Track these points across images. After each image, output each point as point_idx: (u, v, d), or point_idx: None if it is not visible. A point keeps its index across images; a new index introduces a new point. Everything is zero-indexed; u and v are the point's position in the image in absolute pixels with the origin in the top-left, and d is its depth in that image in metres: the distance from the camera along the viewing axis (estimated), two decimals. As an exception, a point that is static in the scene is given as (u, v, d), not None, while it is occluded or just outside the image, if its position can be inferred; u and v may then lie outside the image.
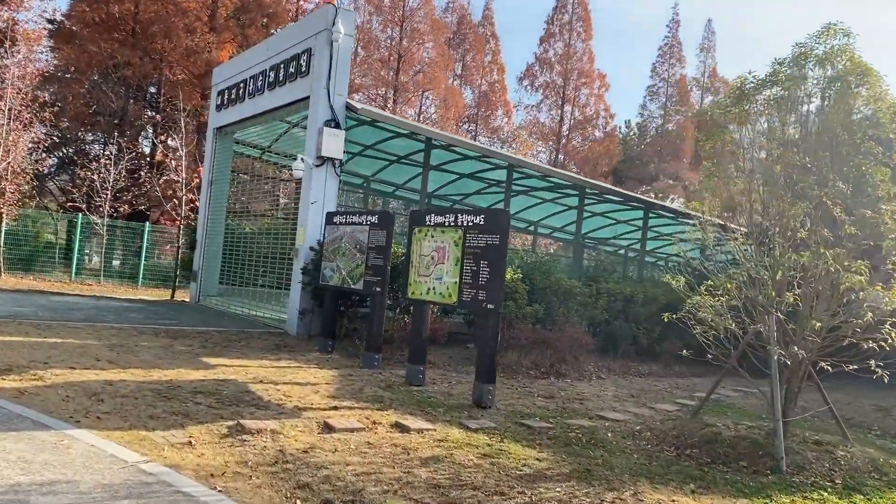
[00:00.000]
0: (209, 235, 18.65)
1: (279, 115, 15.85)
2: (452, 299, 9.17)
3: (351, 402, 8.17)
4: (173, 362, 9.46)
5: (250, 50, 18.50)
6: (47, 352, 9.23)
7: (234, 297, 17.53)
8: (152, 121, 33.21)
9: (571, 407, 9.39)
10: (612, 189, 18.46)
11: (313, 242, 13.34)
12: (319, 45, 13.67)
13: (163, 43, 33.59)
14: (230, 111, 17.85)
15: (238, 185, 19.81)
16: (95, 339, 10.76)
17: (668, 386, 12.20)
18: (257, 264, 16.84)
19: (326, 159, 13.47)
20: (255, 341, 12.39)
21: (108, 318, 13.20)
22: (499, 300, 8.58)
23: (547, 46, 50.01)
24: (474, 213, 9.09)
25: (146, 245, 25.83)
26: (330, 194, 13.61)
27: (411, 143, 17.15)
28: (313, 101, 13.70)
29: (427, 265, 9.67)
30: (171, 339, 11.58)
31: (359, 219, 11.39)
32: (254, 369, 9.65)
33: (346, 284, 11.48)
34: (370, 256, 10.98)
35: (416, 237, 9.95)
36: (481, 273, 8.78)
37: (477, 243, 8.91)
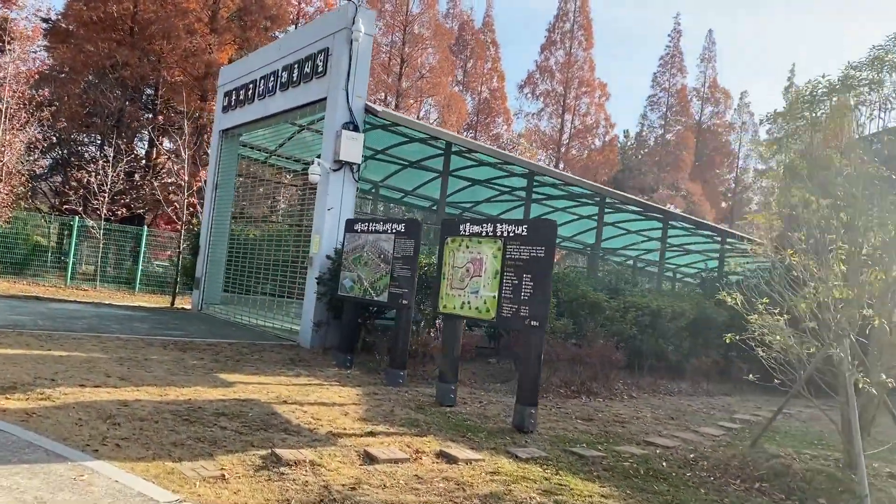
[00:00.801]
0: (213, 241, 17.98)
1: (291, 117, 15.23)
2: (490, 315, 8.57)
3: (386, 427, 7.55)
4: (188, 379, 8.81)
5: (260, 50, 17.89)
6: (53, 366, 8.56)
7: (239, 305, 16.86)
8: (153, 122, 32.40)
9: (614, 431, 8.80)
10: (634, 199, 17.94)
11: (329, 251, 12.72)
12: (338, 44, 13.08)
13: (162, 44, 32.89)
14: (237, 113, 17.22)
15: (244, 189, 19.12)
16: (102, 351, 10.08)
17: (702, 406, 11.62)
18: (264, 272, 16.18)
19: (344, 164, 12.87)
20: (268, 354, 11.74)
21: (111, 328, 12.51)
22: (544, 317, 7.98)
23: (548, 55, 49.68)
24: (515, 224, 8.50)
25: (143, 250, 25.09)
26: (347, 200, 13.00)
27: (425, 148, 16.57)
28: (330, 103, 13.10)
29: (461, 278, 9.06)
30: (181, 352, 10.92)
31: (383, 226, 10.78)
32: (274, 387, 9.00)
33: (369, 296, 10.86)
34: (396, 267, 10.37)
35: (449, 247, 9.35)
36: (524, 287, 8.19)
37: (519, 255, 8.31)
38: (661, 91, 51.89)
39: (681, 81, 52.07)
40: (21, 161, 21.98)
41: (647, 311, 12.95)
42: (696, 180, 49.92)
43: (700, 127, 53.24)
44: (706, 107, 53.08)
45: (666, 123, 51.89)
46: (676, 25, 51.92)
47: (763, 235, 8.33)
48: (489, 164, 16.84)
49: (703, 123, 53.43)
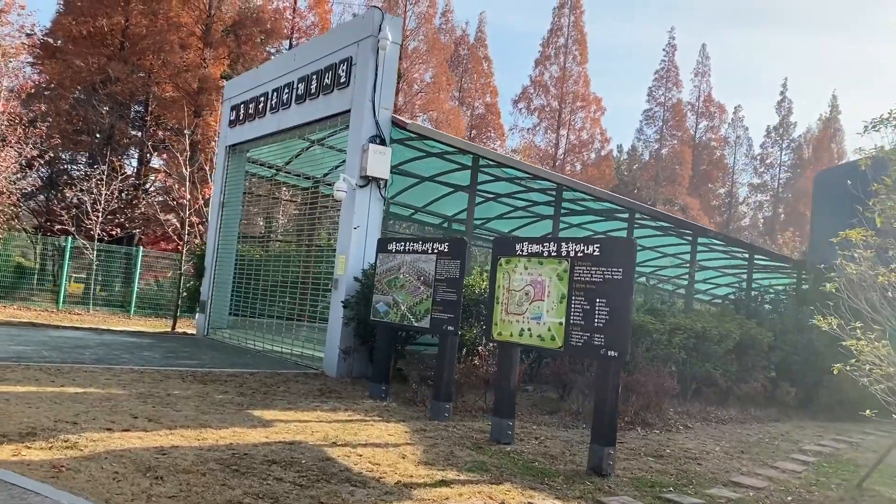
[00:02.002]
0: (219, 262, 17.09)
1: (307, 131, 14.46)
2: (557, 343, 7.79)
3: (454, 473, 6.72)
4: (222, 418, 7.94)
5: (271, 61, 17.15)
6: (72, 407, 7.66)
7: (248, 330, 15.94)
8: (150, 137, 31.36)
9: (692, 470, 8.02)
10: (666, 215, 17.26)
11: (357, 272, 11.91)
12: (363, 53, 12.34)
13: (153, 58, 32.02)
14: (246, 127, 16.41)
15: (251, 206, 18.27)
16: (119, 386, 9.19)
17: (762, 435, 10.88)
18: (275, 294, 15.31)
19: (371, 179, 12.08)
20: (295, 385, 10.88)
21: (122, 359, 11.60)
22: (624, 346, 7.21)
23: (542, 69, 49.30)
24: (585, 242, 7.74)
25: (139, 271, 24.09)
26: (374, 218, 12.21)
27: (443, 162, 15.85)
28: (355, 116, 12.34)
29: (519, 302, 8.28)
30: (203, 385, 10.04)
31: (423, 246, 9.99)
32: (316, 425, 8.16)
33: (407, 321, 10.04)
34: (439, 290, 9.57)
35: (504, 269, 8.57)
36: (598, 313, 7.42)
37: (590, 277, 7.55)
38: (657, 105, 51.67)
39: (676, 96, 51.94)
40: (10, 180, 21.00)
41: (692, 333, 12.23)
42: (692, 195, 49.62)
43: (695, 141, 53.04)
44: (701, 121, 52.92)
45: (661, 138, 51.59)
46: (671, 40, 51.96)
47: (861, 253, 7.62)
48: (507, 179, 16.10)
49: (698, 138, 53.24)
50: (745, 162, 56.20)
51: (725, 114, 54.06)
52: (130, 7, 32.66)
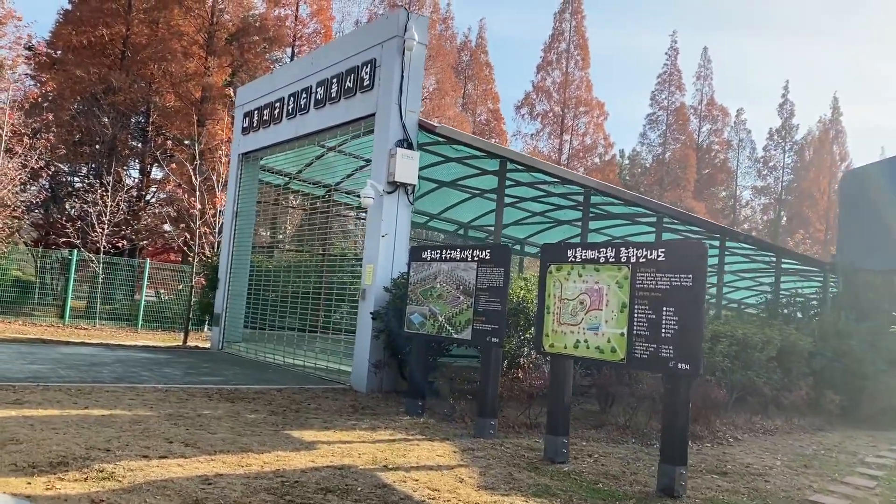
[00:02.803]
0: (234, 273, 16.58)
1: (328, 136, 13.99)
2: (618, 356, 7.30)
3: (521, 498, 6.22)
4: (260, 440, 7.43)
5: (287, 65, 16.72)
6: (100, 431, 7.15)
7: (265, 343, 15.41)
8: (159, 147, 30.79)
9: (763, 488, 7.53)
10: (697, 217, 16.81)
11: (386, 282, 11.43)
12: (388, 54, 11.88)
13: (155, 67, 31.55)
14: (261, 134, 15.93)
15: (266, 216, 17.78)
16: (146, 407, 8.67)
17: (816, 447, 10.39)
18: (293, 306, 14.79)
19: (398, 185, 11.61)
20: (326, 402, 10.37)
21: (142, 376, 11.07)
22: (696, 359, 6.72)
23: (545, 75, 48.97)
24: (647, 247, 7.27)
25: (146, 283, 23.55)
26: (402, 226, 11.73)
27: (463, 168, 15.39)
28: (381, 120, 11.87)
29: (573, 312, 7.80)
30: (231, 403, 9.53)
31: (461, 254, 9.50)
32: (359, 446, 7.66)
33: (445, 333, 9.55)
34: (480, 299, 9.08)
35: (554, 276, 8.09)
36: (665, 323, 6.94)
37: (655, 285, 7.07)
38: (660, 109, 51.33)
39: (679, 99, 51.64)
40: (15, 192, 20.49)
41: (733, 340, 11.76)
42: (697, 198, 49.27)
43: (698, 145, 52.73)
44: (703, 125, 52.60)
45: (665, 142, 51.26)
46: (673, 43, 51.57)
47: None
48: (527, 184, 15.62)
49: (701, 141, 52.93)
50: (748, 165, 55.93)
51: (728, 117, 53.86)
52: (131, 16, 32.25)
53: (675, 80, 51.36)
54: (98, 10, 31.64)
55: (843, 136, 57.66)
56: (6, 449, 6.16)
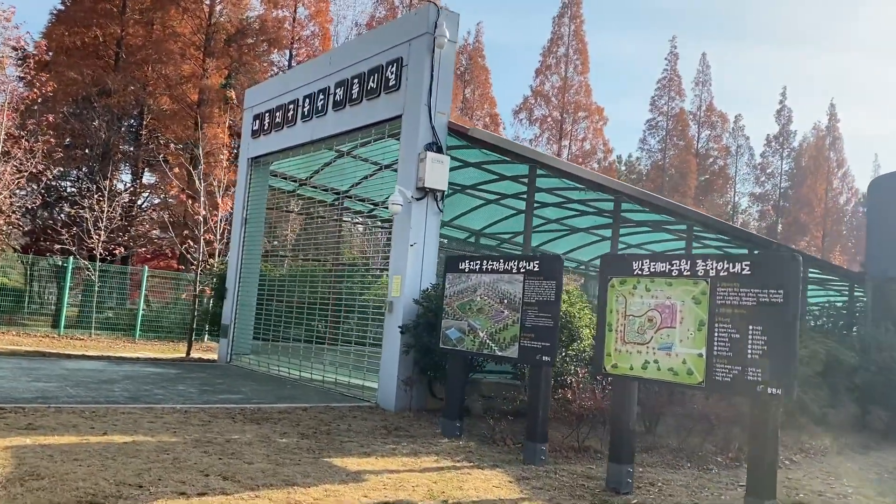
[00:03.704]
0: (243, 283, 15.86)
1: (348, 139, 13.30)
2: (696, 378, 6.68)
3: (605, 540, 5.59)
4: (303, 471, 6.74)
5: (301, 66, 16.05)
6: (127, 462, 6.44)
7: (276, 356, 14.67)
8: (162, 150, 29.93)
9: (849, 520, 6.94)
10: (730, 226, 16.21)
11: (415, 294, 10.77)
12: (416, 53, 11.25)
13: (151, 69, 30.74)
14: (273, 138, 15.24)
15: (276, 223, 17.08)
16: (169, 432, 7.96)
17: (879, 470, 9.81)
18: (307, 317, 14.10)
19: (428, 191, 10.97)
20: (354, 422, 9.69)
21: (156, 395, 10.36)
22: (789, 383, 6.12)
23: (543, 79, 48.50)
24: (729, 260, 6.66)
25: (144, 292, 22.73)
26: (431, 235, 11.09)
27: (481, 173, 14.81)
28: (408, 122, 11.23)
29: (640, 329, 7.17)
30: (257, 426, 8.84)
31: (505, 265, 8.87)
32: (408, 476, 7.00)
33: (488, 350, 8.91)
34: (528, 314, 8.45)
35: (617, 290, 7.47)
36: (752, 343, 6.33)
37: (740, 301, 6.46)
38: (660, 115, 50.96)
39: (679, 105, 51.28)
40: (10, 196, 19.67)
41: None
42: (698, 205, 48.87)
43: (697, 150, 52.43)
44: (703, 130, 52.31)
45: (665, 147, 50.90)
46: (673, 48, 51.28)
47: None
48: (545, 190, 14.99)
49: (700, 147, 52.63)
50: (746, 171, 55.71)
51: (727, 123, 53.57)
52: (126, 17, 31.47)
53: (675, 85, 51.03)
54: (92, 10, 30.83)
55: (840, 143, 57.59)
56: (27, 486, 5.47)
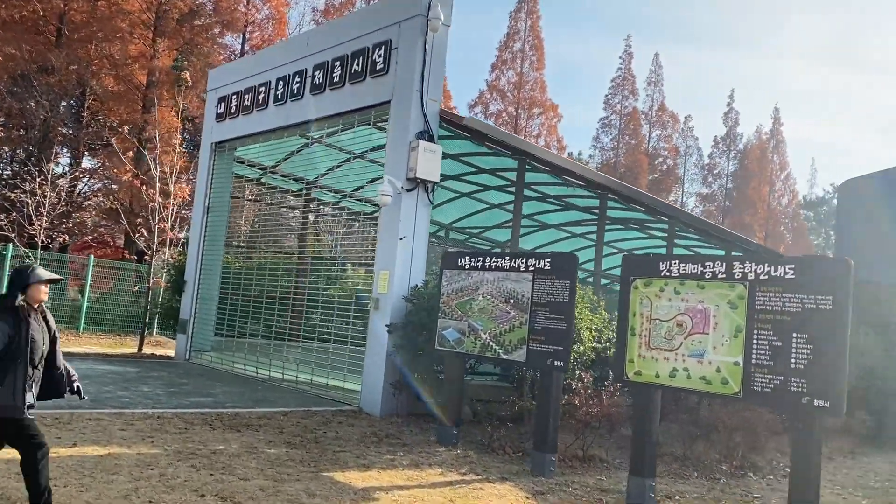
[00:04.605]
0: (204, 276, 14.94)
1: (325, 125, 12.54)
2: (732, 388, 6.26)
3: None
4: (306, 489, 6.08)
5: (273, 47, 15.24)
6: (108, 480, 5.68)
7: (242, 353, 13.81)
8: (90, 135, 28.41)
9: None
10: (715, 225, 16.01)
11: (403, 291, 10.14)
12: (407, 35, 10.60)
13: (96, 47, 29.13)
14: (240, 122, 14.35)
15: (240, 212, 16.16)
16: (146, 442, 7.17)
17: (876, 478, 9.60)
18: (282, 312, 13.33)
19: (419, 182, 10.34)
20: (341, 429, 9.03)
21: (121, 398, 9.49)
22: (838, 395, 5.75)
23: (499, 74, 48.11)
24: (770, 262, 6.26)
25: (89, 283, 21.41)
26: (421, 228, 10.47)
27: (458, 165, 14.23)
28: (398, 108, 10.58)
29: (668, 335, 6.73)
30: (238, 433, 8.11)
31: (512, 262, 8.33)
32: (418, 492, 6.42)
33: (491, 353, 8.36)
34: (538, 316, 7.94)
35: (641, 293, 7.01)
36: (796, 352, 5.95)
37: (782, 306, 6.07)
38: (613, 113, 51.18)
39: (632, 104, 51.60)
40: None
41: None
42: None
43: (648, 150, 52.92)
44: (654, 130, 52.82)
45: (618, 146, 51.20)
46: (627, 48, 51.50)
47: None
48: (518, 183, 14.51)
49: (651, 146, 53.15)
50: (695, 172, 56.54)
51: (678, 123, 54.23)
52: (69, -10, 29.71)
53: (629, 84, 51.33)
54: (31, -18, 29.01)
55: (783, 146, 58.98)
56: (-2, 515, 4.69)
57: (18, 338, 4.61)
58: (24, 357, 4.64)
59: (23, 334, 4.63)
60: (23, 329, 4.64)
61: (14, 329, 4.61)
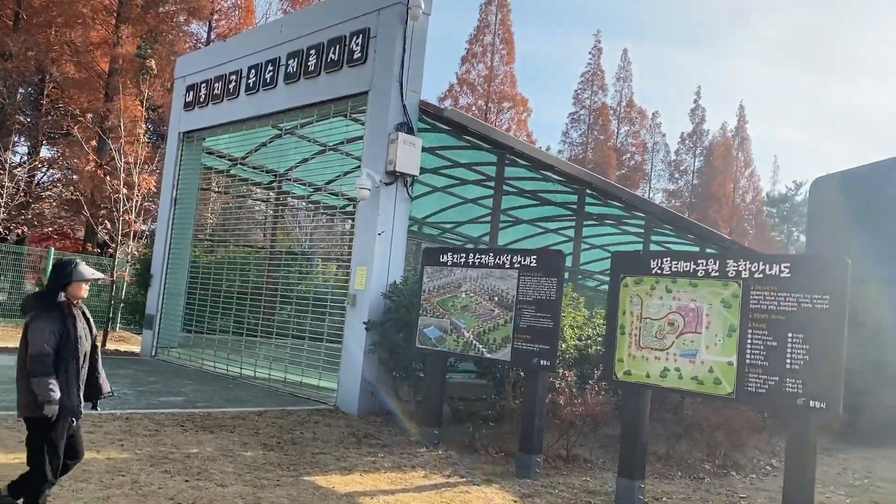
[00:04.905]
0: (171, 270, 14.49)
1: (299, 116, 12.20)
2: (725, 389, 6.14)
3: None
4: (289, 495, 5.82)
5: (243, 34, 14.75)
6: (76, 487, 5.37)
7: (212, 350, 13.39)
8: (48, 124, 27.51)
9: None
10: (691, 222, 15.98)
11: (382, 287, 9.88)
12: (386, 23, 10.30)
13: (55, 33, 28.21)
14: (208, 111, 13.92)
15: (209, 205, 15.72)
16: (115, 445, 6.83)
17: (854, 475, 9.62)
18: (254, 308, 12.97)
19: (398, 176, 10.08)
20: (319, 429, 8.75)
21: (86, 397, 9.07)
22: (835, 396, 5.67)
23: (469, 67, 47.84)
24: (767, 260, 6.14)
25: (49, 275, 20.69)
26: (400, 222, 10.20)
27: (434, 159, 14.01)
28: (377, 99, 10.29)
29: (659, 334, 6.59)
30: (211, 434, 7.80)
31: (497, 258, 8.13)
32: (404, 498, 6.21)
33: (475, 352, 8.16)
34: (524, 314, 7.74)
35: (632, 290, 6.85)
36: (792, 352, 5.84)
37: (777, 305, 5.95)
38: (583, 109, 51.25)
39: (602, 99, 51.73)
40: None
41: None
42: (615, 199, 49.60)
43: (616, 146, 53.18)
44: (622, 126, 53.07)
45: (587, 141, 51.33)
46: (597, 43, 51.59)
47: None
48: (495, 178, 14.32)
49: (619, 142, 53.41)
50: (662, 167, 56.98)
51: (646, 119, 54.53)
52: (28, -27, 28.72)
53: (598, 79, 51.46)
54: (-13, -37, 28.00)
55: (748, 144, 59.71)
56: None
57: (67, 336, 4.46)
58: (76, 355, 4.51)
59: (70, 332, 4.48)
60: (69, 326, 4.50)
61: (61, 327, 4.46)
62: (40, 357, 4.37)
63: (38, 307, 4.56)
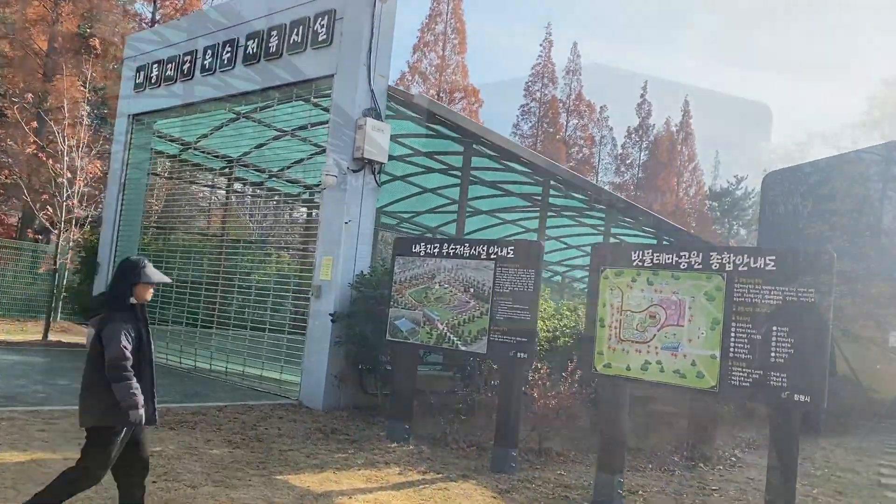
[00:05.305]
0: (119, 257, 13.87)
1: (259, 99, 11.78)
2: (708, 382, 6.09)
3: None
4: (263, 496, 5.55)
5: (195, 13, 14.15)
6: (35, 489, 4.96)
7: (161, 342, 12.85)
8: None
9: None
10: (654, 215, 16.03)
11: (349, 278, 9.60)
12: (352, 6, 9.98)
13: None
14: (160, 93, 13.35)
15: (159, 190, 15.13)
16: (71, 444, 6.42)
17: (813, 465, 9.79)
18: (209, 299, 12.51)
19: (366, 163, 9.79)
20: (283, 424, 8.46)
21: (35, 393, 8.61)
22: (819, 390, 5.65)
23: (421, 56, 47.42)
24: (752, 253, 6.09)
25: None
26: (367, 211, 9.93)
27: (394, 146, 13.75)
28: (343, 83, 9.97)
29: (640, 326, 6.50)
30: (173, 431, 7.45)
31: (472, 249, 7.94)
32: (383, 497, 5.98)
33: (449, 344, 7.97)
34: (501, 306, 7.59)
35: (612, 283, 6.75)
36: (776, 345, 5.81)
37: (762, 299, 5.92)
38: (533, 101, 51.37)
39: (552, 92, 51.93)
40: None
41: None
42: (564, 191, 49.95)
43: (565, 138, 53.53)
44: (571, 119, 53.43)
45: (537, 134, 51.50)
46: (548, 35, 51.70)
47: None
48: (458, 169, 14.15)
49: (568, 135, 53.78)
50: (609, 161, 57.62)
51: (594, 113, 55.00)
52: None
53: (549, 72, 51.62)
54: None
55: (692, 139, 60.83)
56: None
57: (140, 339, 4.19)
58: (149, 359, 4.27)
59: (143, 336, 4.22)
60: (142, 329, 4.23)
61: (136, 330, 4.17)
62: (121, 362, 4.03)
63: (111, 309, 4.19)
